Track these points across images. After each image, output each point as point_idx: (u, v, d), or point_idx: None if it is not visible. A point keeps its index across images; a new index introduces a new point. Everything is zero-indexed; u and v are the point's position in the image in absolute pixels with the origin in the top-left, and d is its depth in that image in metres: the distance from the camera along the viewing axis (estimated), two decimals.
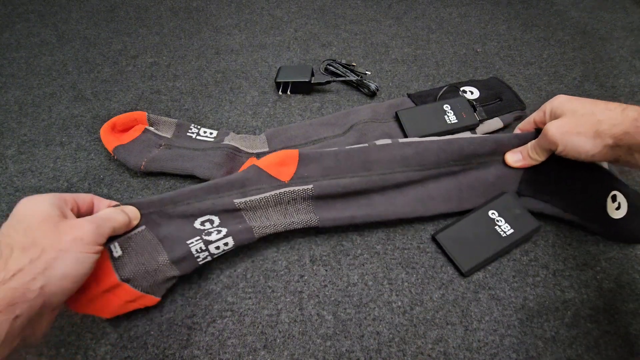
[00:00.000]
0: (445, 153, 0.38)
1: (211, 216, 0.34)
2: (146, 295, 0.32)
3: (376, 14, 0.71)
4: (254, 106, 0.53)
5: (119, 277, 0.30)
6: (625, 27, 0.67)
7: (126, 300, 0.31)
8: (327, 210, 0.37)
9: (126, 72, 0.60)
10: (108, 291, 0.30)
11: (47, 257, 0.24)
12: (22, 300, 0.23)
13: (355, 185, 0.37)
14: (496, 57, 0.61)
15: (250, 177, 0.36)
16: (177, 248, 0.33)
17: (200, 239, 0.33)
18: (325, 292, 0.36)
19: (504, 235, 0.37)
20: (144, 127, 0.46)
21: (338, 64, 0.58)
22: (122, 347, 0.33)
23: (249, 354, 0.32)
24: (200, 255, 0.33)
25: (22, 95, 0.56)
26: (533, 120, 0.41)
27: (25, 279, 0.23)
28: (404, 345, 0.32)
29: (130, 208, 0.32)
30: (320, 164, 0.37)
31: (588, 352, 0.32)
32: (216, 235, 0.34)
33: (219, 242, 0.34)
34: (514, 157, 0.39)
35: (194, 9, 0.73)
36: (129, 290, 0.31)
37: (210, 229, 0.34)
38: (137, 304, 0.32)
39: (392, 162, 0.38)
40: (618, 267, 0.37)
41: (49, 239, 0.25)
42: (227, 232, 0.34)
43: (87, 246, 0.26)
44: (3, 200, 0.43)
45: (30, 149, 0.49)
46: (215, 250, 0.34)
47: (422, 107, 0.49)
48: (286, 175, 0.36)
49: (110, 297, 0.30)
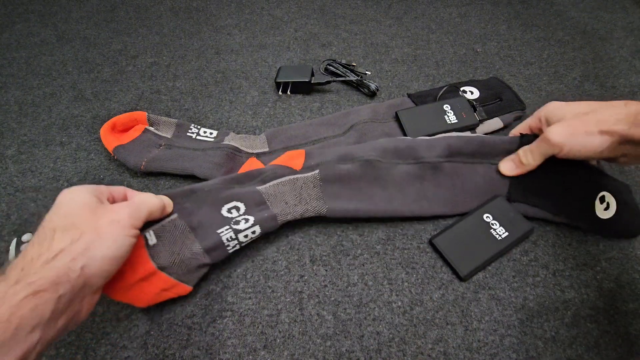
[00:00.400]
0: (434, 149, 0.40)
1: (237, 202, 0.35)
2: (180, 283, 0.33)
3: (376, 14, 0.71)
4: (254, 106, 0.53)
5: (155, 265, 0.31)
6: (625, 27, 0.67)
7: (162, 288, 0.32)
8: (334, 200, 0.38)
9: (126, 72, 0.59)
10: (144, 279, 0.31)
11: (87, 238, 0.25)
12: (65, 280, 0.24)
13: (357, 170, 0.39)
14: (496, 57, 0.61)
15: (267, 169, 0.39)
16: (208, 237, 0.33)
17: (230, 227, 0.34)
18: (325, 292, 0.36)
19: (499, 238, 0.37)
20: (144, 127, 0.46)
21: (338, 64, 0.58)
22: (122, 347, 0.33)
23: (249, 354, 0.32)
24: (230, 244, 0.34)
25: (22, 95, 0.56)
26: (528, 126, 0.41)
27: (67, 258, 0.24)
28: (404, 345, 0.32)
29: (161, 196, 0.33)
30: (323, 155, 0.40)
31: (588, 352, 0.32)
32: (244, 224, 0.35)
33: (247, 230, 0.35)
34: (506, 166, 0.39)
35: (194, 9, 0.73)
36: (165, 278, 0.32)
37: (237, 217, 0.35)
38: (171, 293, 0.33)
39: (385, 151, 0.40)
40: (618, 267, 0.37)
41: (88, 222, 0.26)
42: (254, 221, 0.35)
43: (125, 229, 0.27)
44: (3, 200, 0.43)
45: (30, 149, 0.49)
46: (244, 239, 0.35)
47: (422, 107, 0.49)
48: (298, 165, 0.39)
49: (146, 285, 0.31)
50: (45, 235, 0.25)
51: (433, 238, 0.38)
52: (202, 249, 0.33)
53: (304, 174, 0.38)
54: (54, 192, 0.43)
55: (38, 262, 0.23)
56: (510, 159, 0.39)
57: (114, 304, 0.35)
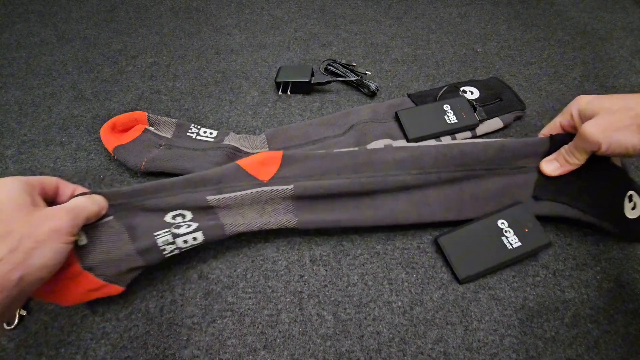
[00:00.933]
0: (445, 157, 0.37)
1: (183, 211, 0.34)
2: (109, 284, 0.32)
3: (376, 14, 0.71)
4: (254, 106, 0.53)
5: (81, 265, 0.30)
6: (625, 27, 0.67)
7: (88, 289, 0.31)
8: (309, 212, 0.36)
9: (126, 72, 0.59)
10: (70, 279, 0.30)
11: (26, 247, 0.24)
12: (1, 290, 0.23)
13: (340, 186, 0.36)
14: (496, 57, 0.61)
15: (228, 174, 0.35)
16: (143, 238, 0.32)
17: (169, 231, 0.33)
18: (325, 292, 0.36)
19: (509, 247, 0.35)
20: (144, 127, 0.46)
21: (338, 64, 0.58)
22: (122, 347, 0.33)
23: (249, 354, 0.32)
24: (166, 247, 0.33)
25: (22, 95, 0.56)
26: (559, 124, 0.39)
27: (5, 269, 0.23)
28: (404, 345, 0.32)
29: (98, 197, 0.31)
30: (303, 165, 0.37)
31: (588, 352, 0.32)
32: (185, 229, 0.33)
33: (187, 236, 0.33)
34: (551, 166, 0.37)
35: (194, 9, 0.73)
36: (92, 279, 0.30)
37: (180, 222, 0.33)
38: (99, 293, 0.32)
39: (385, 164, 0.37)
40: (618, 267, 0.37)
41: (25, 228, 0.25)
42: (197, 227, 0.33)
43: (64, 237, 0.26)
44: None
45: (30, 149, 0.49)
46: (184, 244, 0.33)
47: (422, 107, 0.49)
48: (266, 175, 0.36)
49: (72, 284, 0.30)
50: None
51: (439, 236, 0.37)
52: (135, 250, 0.32)
53: (272, 187, 0.35)
54: None
55: None
56: (553, 159, 0.37)
57: (114, 303, 0.35)
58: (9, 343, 0.33)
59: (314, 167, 0.36)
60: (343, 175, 0.36)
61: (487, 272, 0.36)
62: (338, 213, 0.37)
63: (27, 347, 0.33)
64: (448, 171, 0.37)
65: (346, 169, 0.37)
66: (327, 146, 0.45)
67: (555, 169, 0.37)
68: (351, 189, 0.36)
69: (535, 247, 0.36)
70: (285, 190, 0.35)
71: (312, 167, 0.36)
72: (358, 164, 0.37)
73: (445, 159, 0.37)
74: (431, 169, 0.37)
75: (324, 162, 0.37)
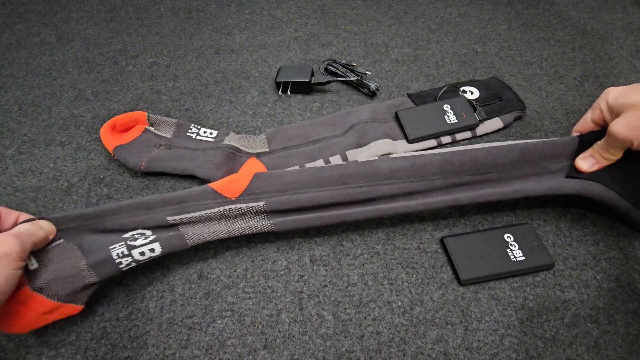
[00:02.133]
0: (452, 165, 0.36)
1: (142, 230, 0.33)
2: (64, 304, 0.31)
3: (376, 14, 0.71)
4: (254, 106, 0.53)
5: (30, 287, 0.29)
6: (625, 27, 0.67)
7: (41, 311, 0.30)
8: (285, 217, 0.35)
9: (126, 72, 0.59)
10: (20, 303, 0.29)
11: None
12: None
13: (321, 198, 0.35)
14: (496, 57, 0.61)
15: (193, 193, 0.34)
16: (96, 253, 0.31)
17: (124, 244, 0.32)
18: (325, 292, 0.36)
19: (513, 259, 0.36)
20: (144, 127, 0.46)
21: (338, 64, 0.58)
22: (122, 347, 0.33)
23: (249, 354, 0.32)
24: (122, 260, 0.32)
25: (22, 95, 0.56)
26: (590, 119, 0.38)
27: None
28: (404, 345, 0.32)
29: (45, 223, 0.31)
30: (277, 180, 0.35)
31: (588, 352, 0.32)
32: (141, 241, 0.32)
33: (143, 247, 0.32)
34: (587, 163, 0.37)
35: (194, 9, 0.73)
36: (43, 300, 0.29)
37: (136, 234, 0.32)
38: (56, 315, 0.31)
39: (376, 174, 0.36)
40: (618, 267, 0.37)
41: None
42: (154, 239, 0.32)
43: (14, 262, 0.26)
44: (3, 200, 0.43)
45: (30, 149, 0.49)
46: (140, 257, 0.32)
47: (422, 107, 0.49)
48: (234, 192, 0.34)
49: (22, 309, 0.29)
50: None
51: (445, 237, 0.38)
52: (87, 265, 0.31)
53: (241, 204, 0.34)
54: (53, 192, 0.44)
55: None
56: (588, 156, 0.37)
57: (114, 303, 0.35)
58: (8, 343, 0.33)
59: (289, 182, 0.35)
60: (326, 187, 0.35)
61: (488, 279, 0.36)
62: (320, 211, 0.35)
63: (27, 347, 0.33)
64: (455, 177, 0.37)
65: (329, 181, 0.35)
66: (327, 146, 0.46)
67: (592, 165, 0.37)
68: (334, 199, 0.35)
69: (539, 265, 0.36)
70: (256, 207, 0.34)
71: (288, 182, 0.35)
72: (344, 176, 0.36)
73: (453, 166, 0.36)
74: (434, 176, 0.37)
75: (303, 176, 0.35)
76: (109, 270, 0.32)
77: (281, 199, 0.34)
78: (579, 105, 0.53)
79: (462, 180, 0.37)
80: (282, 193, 0.35)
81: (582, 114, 0.39)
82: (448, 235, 0.38)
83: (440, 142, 0.47)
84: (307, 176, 0.36)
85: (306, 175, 0.36)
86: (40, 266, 0.30)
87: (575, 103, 0.53)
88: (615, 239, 0.39)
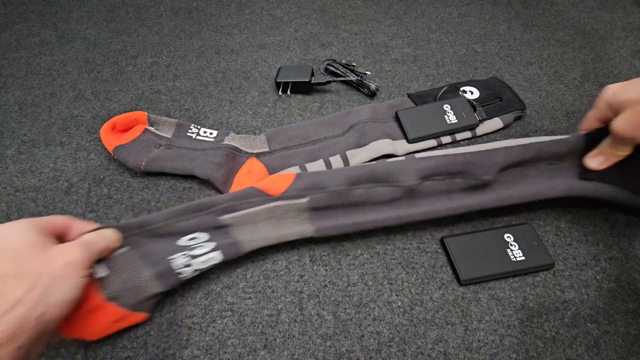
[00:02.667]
0: (473, 165, 0.37)
1: (198, 233, 0.34)
2: (133, 313, 0.32)
3: (376, 14, 0.71)
4: (254, 106, 0.53)
5: (104, 297, 0.30)
6: (625, 27, 0.67)
7: (113, 319, 0.31)
8: (326, 220, 0.36)
9: (126, 72, 0.59)
10: (93, 311, 0.30)
11: (42, 284, 0.25)
12: (22, 331, 0.23)
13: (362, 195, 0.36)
14: (496, 57, 0.61)
15: (236, 193, 0.35)
16: (159, 264, 0.32)
17: (185, 254, 0.33)
18: (325, 292, 0.36)
19: (513, 259, 0.36)
20: (144, 127, 0.46)
21: (338, 64, 0.58)
22: (122, 347, 0.33)
23: (249, 354, 0.32)
24: (183, 270, 0.33)
25: (22, 95, 0.56)
26: (595, 119, 0.38)
27: (24, 309, 0.24)
28: (404, 345, 0.32)
29: (110, 231, 0.32)
30: (317, 178, 0.36)
31: (588, 352, 0.32)
32: (201, 250, 0.33)
33: (204, 256, 0.33)
34: (596, 161, 0.36)
35: (194, 9, 0.73)
36: (115, 309, 0.31)
37: (195, 244, 0.33)
38: (124, 323, 0.32)
39: (406, 174, 0.36)
40: (618, 267, 0.37)
41: (40, 267, 0.25)
42: (215, 247, 0.33)
43: (79, 270, 0.27)
44: (3, 200, 0.43)
45: (30, 149, 0.49)
46: (201, 265, 0.34)
47: (422, 107, 0.49)
48: (277, 190, 0.35)
49: (96, 317, 0.30)
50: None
51: (445, 237, 0.38)
52: (152, 276, 0.32)
53: (285, 201, 0.35)
54: (53, 192, 0.44)
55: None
56: (597, 154, 0.37)
57: None
58: None
59: (327, 179, 0.36)
60: (361, 185, 0.36)
61: (488, 279, 0.36)
62: (356, 216, 0.36)
63: None
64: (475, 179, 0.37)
65: (361, 180, 0.36)
66: (327, 146, 0.46)
67: (602, 162, 0.36)
68: (370, 198, 0.36)
69: (539, 265, 0.36)
70: (300, 204, 0.35)
71: (325, 180, 0.36)
72: (377, 175, 0.37)
73: (473, 166, 0.37)
74: (456, 175, 0.37)
75: (337, 176, 0.36)
76: (172, 281, 0.33)
77: (321, 195, 0.36)
78: (579, 105, 0.53)
79: (481, 181, 0.37)
80: (321, 190, 0.36)
81: (582, 114, 0.39)
82: (448, 235, 0.38)
83: (440, 142, 0.47)
84: (341, 175, 0.37)
85: (340, 174, 0.37)
86: (110, 274, 0.31)
87: (575, 103, 0.53)
88: (615, 239, 0.39)
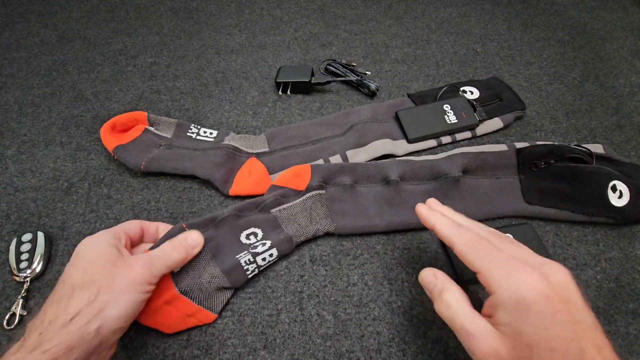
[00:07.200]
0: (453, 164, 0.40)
1: (254, 229, 0.37)
2: (203, 309, 0.33)
3: (376, 14, 0.71)
4: (254, 106, 0.53)
5: (178, 289, 0.32)
6: (625, 27, 0.67)
7: (185, 313, 0.32)
8: (343, 218, 0.39)
9: (126, 72, 0.59)
10: (168, 303, 0.31)
11: (102, 298, 0.26)
12: (79, 344, 0.24)
13: (369, 192, 0.40)
14: (496, 57, 0.61)
15: (278, 192, 0.39)
16: (227, 260, 0.34)
17: (248, 252, 0.35)
18: (325, 292, 0.36)
19: None
20: (144, 127, 0.46)
21: (338, 64, 0.58)
22: (123, 347, 0.33)
23: (249, 354, 0.32)
24: (249, 267, 0.35)
25: (22, 95, 0.56)
26: None
27: (83, 321, 0.24)
28: (404, 345, 0.32)
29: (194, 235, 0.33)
30: (329, 171, 0.40)
31: None
32: (262, 248, 0.35)
33: (264, 254, 0.35)
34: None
35: (194, 9, 0.73)
36: (187, 302, 0.32)
37: (255, 242, 0.36)
38: (195, 319, 0.33)
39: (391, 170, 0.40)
40: (618, 267, 0.37)
41: (105, 279, 0.26)
42: (271, 244, 0.36)
43: (140, 286, 0.28)
44: (3, 200, 0.43)
45: (30, 149, 0.49)
46: (262, 262, 0.35)
47: (422, 107, 0.49)
48: (302, 185, 0.40)
49: (170, 309, 0.32)
50: (64, 293, 0.26)
51: None
52: (221, 272, 0.34)
53: (311, 192, 0.40)
54: (53, 192, 0.44)
55: (55, 325, 0.24)
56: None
57: None
58: (8, 343, 0.33)
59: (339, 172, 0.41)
60: (373, 182, 0.41)
61: None
62: (374, 219, 0.39)
63: None
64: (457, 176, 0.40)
65: (373, 179, 0.41)
66: (327, 146, 0.46)
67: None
68: (381, 193, 0.40)
69: None
70: (321, 195, 0.40)
71: (337, 172, 0.41)
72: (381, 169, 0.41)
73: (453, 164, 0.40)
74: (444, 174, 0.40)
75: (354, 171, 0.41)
76: (239, 277, 0.34)
77: (335, 189, 0.40)
78: (579, 105, 0.53)
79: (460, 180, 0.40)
80: (334, 185, 0.41)
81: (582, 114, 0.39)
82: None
83: (440, 142, 0.47)
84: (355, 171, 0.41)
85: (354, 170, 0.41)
86: (183, 269, 0.33)
87: (575, 103, 0.53)
88: (615, 239, 0.39)
